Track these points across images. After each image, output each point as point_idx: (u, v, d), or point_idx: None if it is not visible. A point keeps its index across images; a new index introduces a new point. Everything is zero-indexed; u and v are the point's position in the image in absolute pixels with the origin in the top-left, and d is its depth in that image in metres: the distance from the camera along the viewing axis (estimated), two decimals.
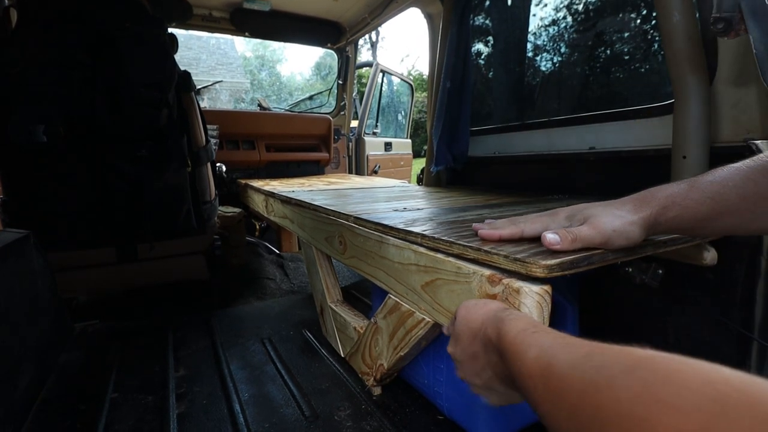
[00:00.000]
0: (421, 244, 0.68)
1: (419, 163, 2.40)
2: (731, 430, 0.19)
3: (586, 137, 1.26)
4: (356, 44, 2.84)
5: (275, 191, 1.62)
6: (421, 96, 7.87)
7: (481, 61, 1.89)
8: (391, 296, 0.78)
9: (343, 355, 1.12)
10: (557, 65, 1.52)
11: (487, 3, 1.75)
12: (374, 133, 3.47)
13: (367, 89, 3.24)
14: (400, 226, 0.75)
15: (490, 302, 0.49)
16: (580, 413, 0.27)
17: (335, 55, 2.90)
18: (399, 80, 3.97)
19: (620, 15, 1.29)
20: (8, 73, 1.04)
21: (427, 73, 1.83)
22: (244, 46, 24.58)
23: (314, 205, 1.17)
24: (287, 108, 3.22)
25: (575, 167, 1.31)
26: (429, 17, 1.80)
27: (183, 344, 1.25)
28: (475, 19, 1.78)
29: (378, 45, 2.97)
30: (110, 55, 1.12)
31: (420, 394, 0.95)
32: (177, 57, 1.30)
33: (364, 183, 2.09)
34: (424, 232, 0.68)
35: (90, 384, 1.03)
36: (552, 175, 1.40)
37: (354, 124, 3.25)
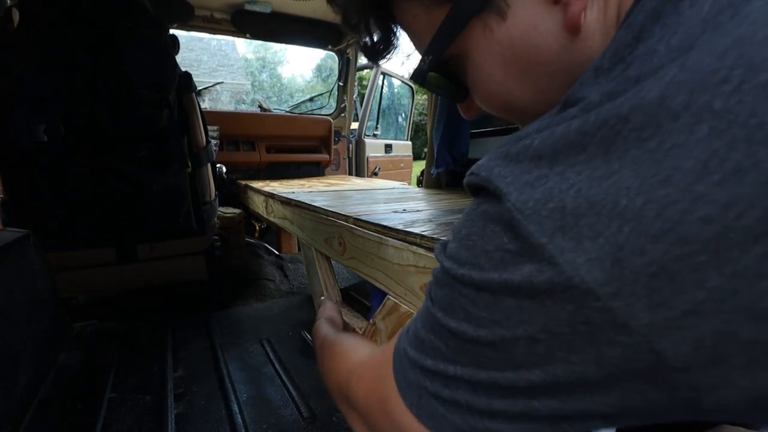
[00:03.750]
0: (420, 245, 0.68)
1: (419, 166, 2.41)
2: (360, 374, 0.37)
3: None
4: (357, 47, 2.85)
5: (275, 192, 1.62)
6: (421, 98, 7.88)
7: None
8: (390, 297, 0.78)
9: None
10: None
11: None
12: (374, 135, 3.48)
13: (367, 91, 3.24)
14: (399, 227, 0.75)
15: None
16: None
17: (336, 57, 2.91)
18: (400, 82, 3.98)
19: None
20: (10, 73, 1.05)
21: None
22: (245, 47, 24.68)
23: (314, 206, 1.17)
24: (288, 109, 3.23)
25: None
26: None
27: (182, 345, 1.25)
28: None
29: None
30: (111, 56, 1.12)
31: None
32: (178, 58, 1.31)
33: (364, 185, 2.10)
34: (423, 233, 0.68)
35: (88, 384, 1.03)
36: None
37: (354, 126, 3.25)
